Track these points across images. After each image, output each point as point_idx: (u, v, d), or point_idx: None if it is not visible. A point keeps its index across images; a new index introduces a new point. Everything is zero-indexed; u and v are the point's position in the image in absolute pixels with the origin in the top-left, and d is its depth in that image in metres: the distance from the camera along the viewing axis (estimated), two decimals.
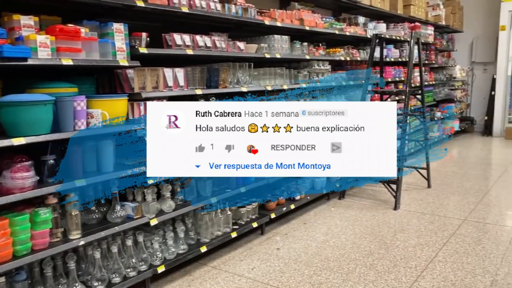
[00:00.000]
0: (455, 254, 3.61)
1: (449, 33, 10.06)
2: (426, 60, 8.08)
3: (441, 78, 9.13)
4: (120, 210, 2.97)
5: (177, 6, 3.21)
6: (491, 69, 9.89)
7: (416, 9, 7.70)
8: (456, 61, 10.11)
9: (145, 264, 3.06)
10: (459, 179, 6.11)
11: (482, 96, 10.19)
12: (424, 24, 8.09)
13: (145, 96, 3.04)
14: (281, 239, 4.02)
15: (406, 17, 7.42)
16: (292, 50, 4.59)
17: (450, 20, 9.41)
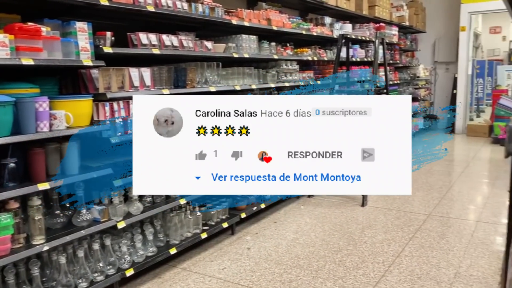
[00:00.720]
0: (421, 248, 3.72)
1: (412, 34, 10.34)
2: (391, 60, 8.27)
3: (406, 78, 9.37)
4: (86, 213, 2.89)
5: (142, 5, 3.16)
6: (453, 68, 10.24)
7: (380, 10, 7.87)
8: (420, 60, 10.41)
9: (113, 268, 3.00)
10: (424, 175, 6.29)
11: (445, 95, 10.53)
12: (389, 24, 8.29)
13: (111, 97, 2.98)
14: (251, 239, 4.02)
15: (371, 17, 7.57)
16: (260, 50, 4.60)
17: (413, 21, 9.67)
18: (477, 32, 12.18)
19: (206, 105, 1.59)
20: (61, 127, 2.66)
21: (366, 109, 1.63)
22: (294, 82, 5.13)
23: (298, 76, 5.25)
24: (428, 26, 10.54)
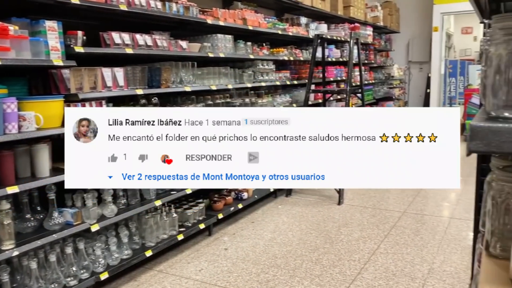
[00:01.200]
0: (396, 245, 3.77)
1: (386, 34, 10.50)
2: (365, 60, 8.38)
3: (380, 77, 9.51)
4: (58, 217, 2.83)
5: (115, 3, 3.11)
6: (426, 68, 10.45)
7: (355, 10, 7.96)
8: (394, 60, 10.59)
9: (86, 272, 2.94)
10: None
11: (419, 94, 10.74)
12: (363, 25, 8.39)
13: (83, 97, 2.91)
14: (229, 239, 4.01)
15: (346, 18, 7.65)
16: (236, 50, 4.59)
17: (387, 21, 9.82)
18: (450, 33, 12.46)
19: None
20: (31, 128, 2.59)
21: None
22: (270, 82, 5.14)
23: (275, 76, 5.26)
24: (402, 27, 10.73)
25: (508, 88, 0.70)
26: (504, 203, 0.88)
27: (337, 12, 7.29)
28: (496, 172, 0.91)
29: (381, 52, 10.11)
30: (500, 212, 0.88)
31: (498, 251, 0.90)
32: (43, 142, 2.78)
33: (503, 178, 0.89)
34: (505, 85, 0.70)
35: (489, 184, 0.94)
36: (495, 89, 0.72)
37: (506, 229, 0.86)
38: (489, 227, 0.92)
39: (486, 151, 0.65)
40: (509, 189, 0.87)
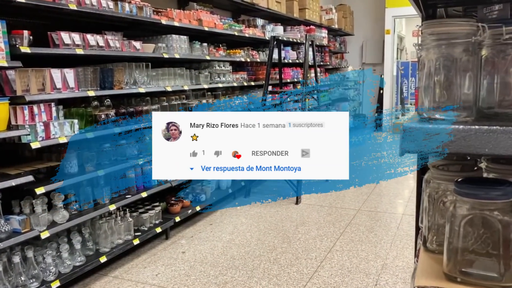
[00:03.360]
0: (351, 242, 3.87)
1: (341, 36, 10.76)
2: (321, 62, 8.55)
3: (335, 79, 9.72)
4: (4, 224, 2.70)
5: (63, 2, 3.00)
6: (379, 69, 10.79)
7: (311, 13, 8.10)
8: (349, 62, 10.86)
9: (36, 281, 2.82)
10: None
11: (372, 95, 11.06)
12: (319, 27, 8.55)
13: (30, 99, 2.80)
14: (186, 242, 3.97)
15: (302, 20, 7.77)
16: (192, 51, 4.56)
17: (342, 24, 10.06)
18: (401, 35, 12.91)
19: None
20: None
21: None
22: (227, 83, 5.14)
23: (232, 77, 5.27)
24: (356, 29, 11.02)
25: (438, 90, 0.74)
26: (440, 200, 0.92)
27: (293, 15, 7.38)
28: (432, 170, 0.96)
29: (336, 54, 10.35)
30: (436, 208, 0.93)
31: (434, 246, 0.95)
32: None
33: (439, 176, 0.93)
34: (435, 88, 0.74)
35: (426, 182, 0.98)
36: (426, 92, 0.75)
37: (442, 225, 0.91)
38: (426, 223, 0.96)
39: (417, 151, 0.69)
40: (445, 187, 0.92)
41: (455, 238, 0.79)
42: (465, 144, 0.67)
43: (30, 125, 2.81)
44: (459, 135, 0.67)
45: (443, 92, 0.75)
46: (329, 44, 9.01)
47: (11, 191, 2.78)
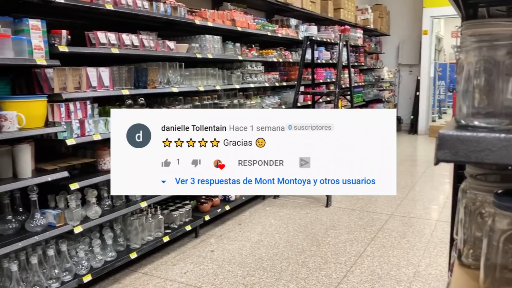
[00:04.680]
0: (382, 248, 3.78)
1: (377, 36, 10.55)
2: (355, 62, 8.41)
3: (370, 80, 9.55)
4: (40, 218, 2.78)
5: (100, 3, 3.07)
6: (416, 71, 10.51)
7: (346, 13, 7.98)
8: (384, 63, 10.63)
9: (69, 274, 2.90)
10: None
11: (408, 97, 10.80)
12: (354, 27, 8.42)
13: (66, 97, 2.87)
14: (215, 241, 3.99)
15: (337, 20, 7.67)
16: (225, 51, 4.57)
17: (377, 24, 9.86)
18: (440, 36, 12.55)
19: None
20: (13, 128, 2.54)
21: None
22: (259, 83, 5.13)
23: (263, 77, 5.25)
24: (392, 29, 10.78)
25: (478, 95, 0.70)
26: (477, 212, 0.87)
27: (327, 14, 7.30)
28: (470, 180, 0.90)
29: (371, 55, 10.16)
30: (472, 221, 0.88)
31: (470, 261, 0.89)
32: (25, 143, 2.74)
33: (476, 186, 0.88)
34: (474, 92, 0.70)
35: (463, 192, 0.93)
36: (465, 97, 0.71)
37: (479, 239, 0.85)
38: (461, 236, 0.91)
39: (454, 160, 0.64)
40: (483, 198, 0.86)
41: (494, 254, 0.74)
42: (506, 154, 0.63)
43: (66, 122, 2.89)
44: (500, 144, 0.63)
45: (483, 98, 0.70)
46: (364, 45, 8.86)
47: (47, 186, 2.86)
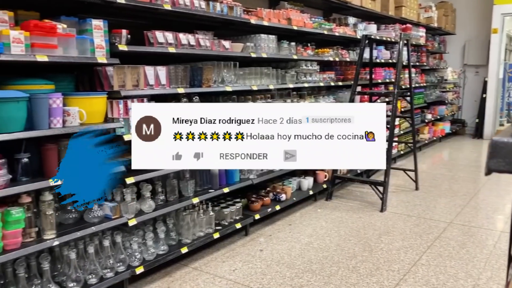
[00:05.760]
0: (439, 257, 3.59)
1: (441, 35, 10.06)
2: (417, 62, 8.07)
3: (432, 80, 9.13)
4: (97, 210, 2.92)
5: (159, 3, 3.16)
6: (483, 71, 9.91)
7: (407, 11, 7.68)
8: (448, 63, 10.12)
9: (123, 265, 3.01)
10: (448, 181, 6.10)
11: (474, 99, 10.21)
12: (416, 26, 8.08)
13: (125, 94, 2.99)
14: (265, 241, 3.98)
15: (398, 18, 7.40)
16: (279, 50, 4.55)
17: (442, 22, 9.41)
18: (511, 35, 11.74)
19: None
20: (74, 123, 2.68)
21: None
22: (314, 83, 5.06)
23: (318, 76, 5.17)
24: (458, 28, 10.24)
25: None
26: None
27: (388, 13, 7.06)
28: None
29: (434, 54, 9.71)
30: None
31: None
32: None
33: None
34: None
35: None
36: None
37: None
38: None
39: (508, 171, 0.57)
40: None
41: None
42: None
43: (124, 119, 3.00)
44: None
45: None
46: (426, 44, 8.48)
47: None
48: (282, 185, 4.70)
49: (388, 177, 4.91)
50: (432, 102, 9.04)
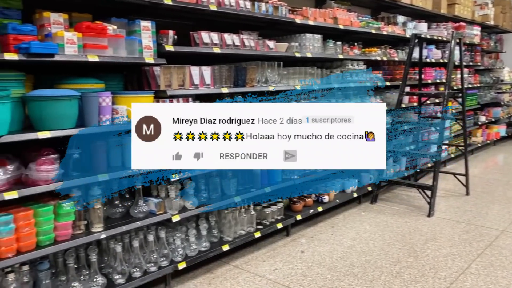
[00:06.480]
0: (490, 266, 3.41)
1: (497, 34, 9.56)
2: (470, 62, 7.72)
3: (487, 81, 8.69)
4: (143, 205, 3.01)
5: (205, 4, 3.21)
6: None
7: (461, 8, 7.36)
8: (505, 63, 9.59)
9: (166, 260, 3.08)
10: (502, 187, 5.79)
11: None
12: (470, 24, 7.72)
13: (171, 94, 3.06)
14: (306, 242, 3.95)
15: (450, 16, 7.11)
16: (325, 50, 4.49)
17: (499, 20, 8.93)
18: None
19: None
20: (123, 121, 2.77)
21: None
22: (360, 83, 4.95)
23: (365, 76, 5.06)
24: None
25: None
26: None
27: (440, 11, 6.80)
28: None
29: (490, 54, 9.23)
30: None
31: None
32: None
33: None
34: None
35: None
36: None
37: None
38: None
39: None
40: None
41: None
42: None
43: None
44: None
45: None
46: (481, 43, 8.08)
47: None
48: (325, 186, 4.64)
49: (437, 181, 4.74)
50: (486, 104, 8.61)
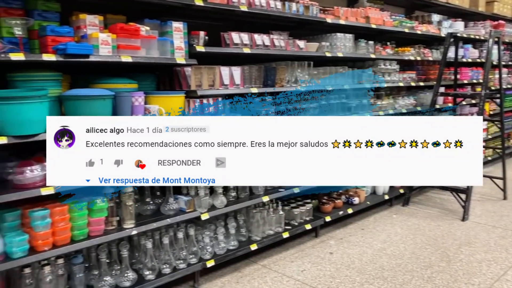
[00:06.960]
0: None
1: None
2: (510, 62, 7.43)
3: None
4: (173, 202, 3.06)
5: (236, 4, 3.24)
6: None
7: (501, 6, 7.11)
8: None
9: (195, 257, 3.13)
10: None
11: None
12: (510, 22, 7.44)
13: (201, 94, 3.10)
14: (335, 243, 3.91)
15: (489, 14, 6.88)
16: (356, 49, 4.44)
17: None
18: None
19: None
20: None
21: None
22: (392, 83, 4.87)
23: (398, 76, 4.97)
24: None
25: None
26: None
27: (477, 9, 6.59)
28: None
29: None
30: None
31: None
32: None
33: None
34: None
35: None
36: None
37: None
38: None
39: None
40: None
41: None
42: None
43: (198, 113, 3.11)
44: None
45: None
46: None
47: None
48: (356, 188, 4.58)
49: None
50: None
